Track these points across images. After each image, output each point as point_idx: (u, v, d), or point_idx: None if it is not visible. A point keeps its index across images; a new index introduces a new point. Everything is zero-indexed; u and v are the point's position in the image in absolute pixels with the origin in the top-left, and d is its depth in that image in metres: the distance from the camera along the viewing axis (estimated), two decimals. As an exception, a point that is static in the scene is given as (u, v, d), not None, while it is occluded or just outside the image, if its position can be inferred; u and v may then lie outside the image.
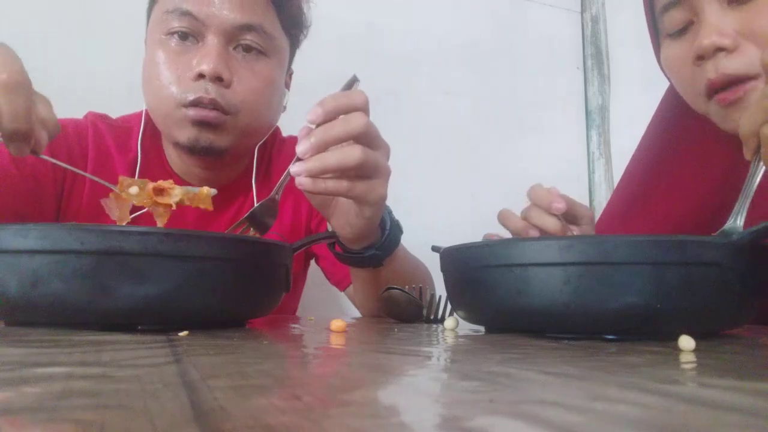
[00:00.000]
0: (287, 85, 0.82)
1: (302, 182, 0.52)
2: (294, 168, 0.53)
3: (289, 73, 0.82)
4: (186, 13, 0.69)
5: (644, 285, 0.37)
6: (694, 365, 0.27)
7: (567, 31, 1.64)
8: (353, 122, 0.53)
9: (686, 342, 0.32)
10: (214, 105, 0.68)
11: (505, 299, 0.41)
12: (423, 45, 1.43)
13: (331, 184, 0.54)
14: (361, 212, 0.59)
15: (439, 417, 0.16)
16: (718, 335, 0.42)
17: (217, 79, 0.68)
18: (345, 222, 0.62)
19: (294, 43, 0.80)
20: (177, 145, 0.72)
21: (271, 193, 0.59)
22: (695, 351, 0.31)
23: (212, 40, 0.69)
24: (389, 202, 0.63)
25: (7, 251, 0.37)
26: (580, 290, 0.37)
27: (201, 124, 0.69)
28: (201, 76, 0.68)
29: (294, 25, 0.78)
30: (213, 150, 0.71)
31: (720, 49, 0.54)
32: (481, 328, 0.48)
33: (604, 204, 1.58)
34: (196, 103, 0.68)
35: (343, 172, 0.54)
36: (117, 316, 0.38)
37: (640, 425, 0.15)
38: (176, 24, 0.69)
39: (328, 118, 0.53)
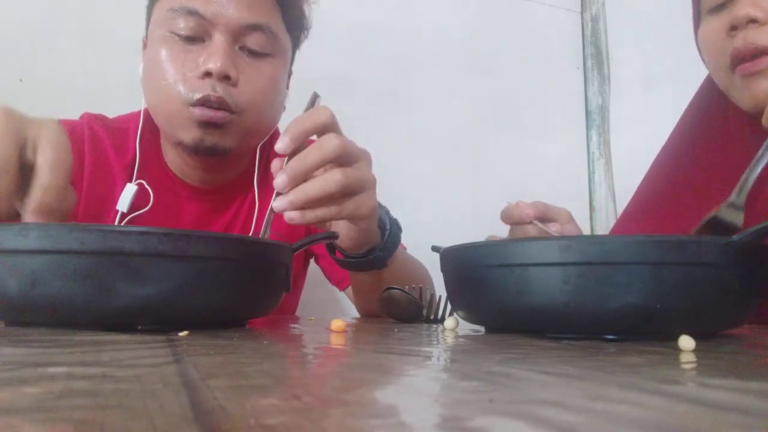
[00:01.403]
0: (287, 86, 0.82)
1: (292, 217, 0.51)
2: (277, 203, 0.51)
3: (289, 74, 0.82)
4: (192, 12, 0.67)
5: (644, 285, 0.36)
6: (694, 365, 0.26)
7: (567, 31, 1.64)
8: (326, 146, 0.52)
9: (686, 342, 0.32)
10: (220, 104, 0.67)
11: (505, 299, 0.41)
12: (423, 45, 1.43)
13: (320, 213, 0.52)
14: (356, 226, 0.59)
15: (439, 417, 0.16)
16: (718, 335, 0.42)
17: (225, 78, 0.67)
18: (342, 236, 0.62)
19: (295, 44, 0.80)
20: (180, 145, 0.71)
21: (261, 234, 0.55)
22: (695, 351, 0.31)
23: (219, 39, 0.68)
24: (389, 203, 0.63)
25: (7, 251, 0.37)
26: (580, 290, 0.37)
27: (206, 124, 0.68)
28: (208, 74, 0.67)
29: (296, 27, 0.78)
30: (217, 150, 0.70)
31: (753, 21, 0.55)
32: (481, 328, 0.48)
33: (604, 204, 1.58)
34: (202, 102, 0.67)
35: (327, 197, 0.52)
36: (117, 316, 0.38)
37: (640, 425, 0.15)
38: (182, 23, 0.68)
39: (298, 143, 0.52)
